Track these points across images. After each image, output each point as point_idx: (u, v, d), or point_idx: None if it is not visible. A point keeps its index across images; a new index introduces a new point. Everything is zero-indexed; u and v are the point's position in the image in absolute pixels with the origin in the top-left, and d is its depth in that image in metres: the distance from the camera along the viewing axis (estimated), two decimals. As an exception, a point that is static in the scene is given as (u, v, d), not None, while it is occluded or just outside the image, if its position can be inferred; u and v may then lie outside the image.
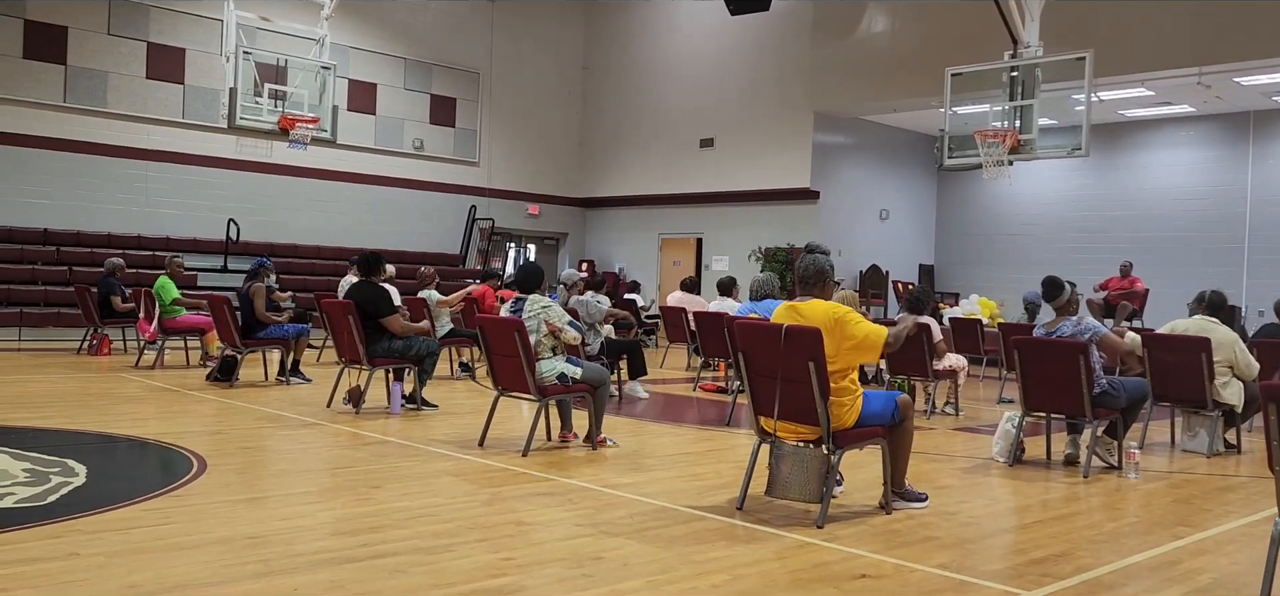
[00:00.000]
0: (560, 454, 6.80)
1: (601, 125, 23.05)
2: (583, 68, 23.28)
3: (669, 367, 13.86)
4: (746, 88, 19.98)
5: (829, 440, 5.02)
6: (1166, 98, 16.88)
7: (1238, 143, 17.57)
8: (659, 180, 21.60)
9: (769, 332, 5.10)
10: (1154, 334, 8.18)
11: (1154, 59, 14.59)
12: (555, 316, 6.87)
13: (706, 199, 20.64)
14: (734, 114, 20.15)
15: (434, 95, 20.88)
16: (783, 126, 19.22)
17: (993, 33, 13.21)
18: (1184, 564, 4.60)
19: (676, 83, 21.35)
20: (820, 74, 18.66)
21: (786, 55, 19.31)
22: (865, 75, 17.95)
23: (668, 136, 21.43)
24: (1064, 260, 17.54)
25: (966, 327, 13.56)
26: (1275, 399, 3.69)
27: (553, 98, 22.81)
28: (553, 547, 4.43)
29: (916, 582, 4.11)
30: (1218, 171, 17.79)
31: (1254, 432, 8.27)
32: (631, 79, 22.34)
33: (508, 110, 21.98)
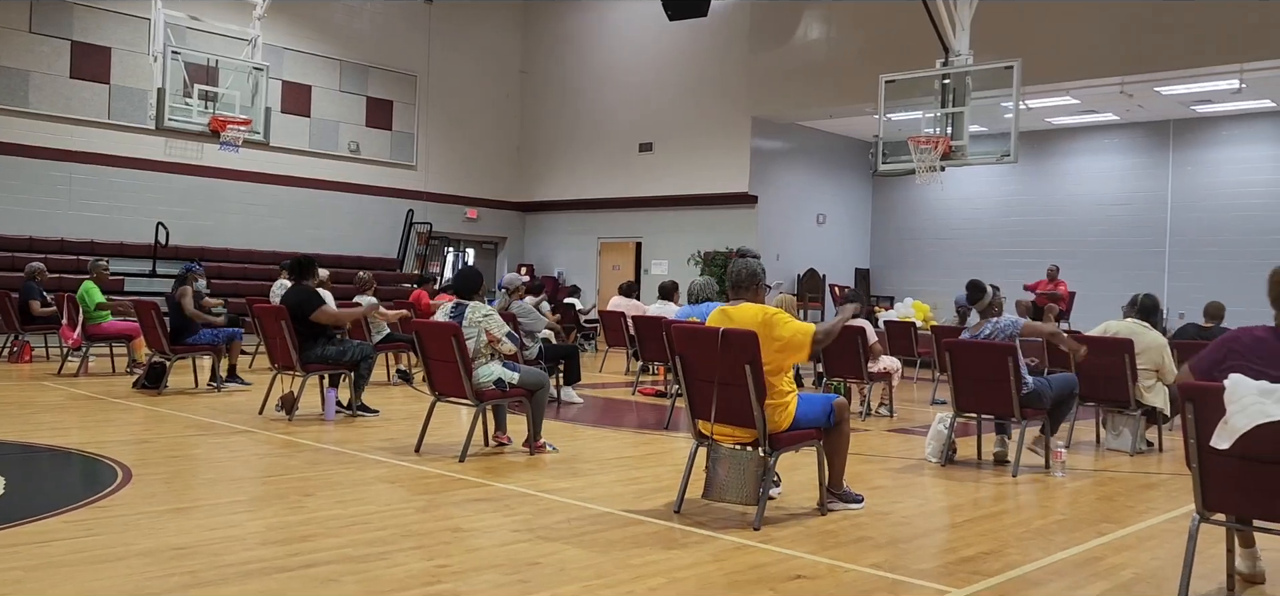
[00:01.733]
0: (497, 459, 6.75)
1: (540, 129, 22.98)
2: (521, 71, 23.19)
3: (608, 372, 13.86)
4: (685, 92, 20.08)
5: (765, 443, 5.07)
6: (1091, 106, 17.37)
7: (1159, 150, 18.14)
8: (598, 184, 21.60)
9: (706, 336, 5.13)
10: (1080, 336, 8.38)
11: (1079, 69, 15.00)
12: (495, 327, 6.83)
13: (645, 203, 20.69)
14: (673, 118, 20.24)
15: (370, 98, 20.63)
16: (721, 131, 19.35)
17: (925, 41, 13.45)
18: (1107, 560, 4.72)
19: (615, 87, 21.37)
20: (758, 80, 18.83)
21: (724, 61, 19.45)
22: (802, 81, 18.16)
23: (607, 140, 21.44)
24: (994, 264, 17.96)
25: (901, 330, 13.79)
26: (1192, 397, 3.81)
27: (491, 101, 22.69)
28: (489, 553, 4.40)
29: (850, 582, 4.16)
30: (1140, 178, 18.35)
31: (1175, 431, 8.53)
32: (571, 83, 22.31)
33: (446, 113, 21.81)
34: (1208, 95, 16.10)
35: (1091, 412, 8.54)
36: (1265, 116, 17.09)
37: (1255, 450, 3.60)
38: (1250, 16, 13.50)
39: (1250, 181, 17.17)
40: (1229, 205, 17.26)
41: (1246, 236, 16.69)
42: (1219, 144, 17.59)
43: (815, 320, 14.67)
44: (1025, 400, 6.81)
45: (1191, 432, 3.80)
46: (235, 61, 16.37)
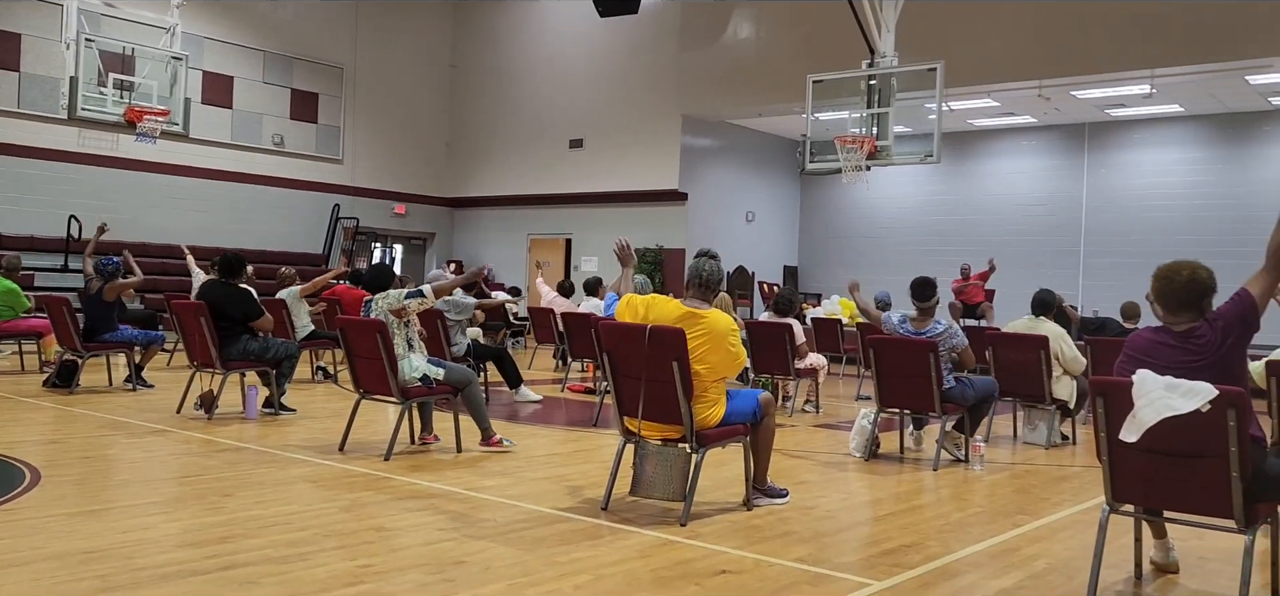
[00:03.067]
0: (423, 457, 6.68)
1: (470, 124, 22.78)
2: (451, 65, 22.96)
3: (537, 368, 13.80)
4: (616, 89, 20.09)
5: (692, 439, 5.10)
6: (1011, 108, 17.82)
7: (1075, 152, 18.69)
8: (528, 180, 21.50)
9: (634, 333, 5.14)
10: (998, 333, 8.61)
11: (999, 71, 15.38)
12: (393, 299, 6.71)
13: (575, 199, 20.65)
14: (603, 115, 20.23)
15: (295, 90, 20.23)
16: (651, 128, 19.40)
17: (852, 42, 13.67)
18: (1022, 550, 4.86)
19: (546, 83, 21.29)
20: (688, 77, 18.92)
21: (655, 58, 19.50)
22: (732, 80, 18.30)
23: (537, 137, 21.35)
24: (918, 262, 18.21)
25: (827, 327, 13.98)
26: (1102, 392, 3.94)
27: (420, 95, 22.42)
28: (413, 553, 4.36)
29: (774, 576, 4.21)
30: (1057, 179, 18.88)
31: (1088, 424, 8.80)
32: (501, 78, 22.16)
33: (373, 107, 21.49)
34: (1121, 99, 16.63)
35: (1009, 407, 8.76)
36: (1175, 121, 17.72)
37: (1161, 443, 3.73)
38: (1160, 24, 13.99)
39: (1161, 183, 17.79)
40: (1141, 206, 17.86)
41: (1157, 237, 17.27)
42: (1131, 147, 18.19)
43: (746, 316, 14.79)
44: (946, 396, 6.96)
45: (1101, 426, 3.92)
46: (153, 50, 15.92)
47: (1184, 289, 3.91)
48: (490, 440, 6.90)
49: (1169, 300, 3.95)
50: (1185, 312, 3.91)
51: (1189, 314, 3.90)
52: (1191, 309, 3.90)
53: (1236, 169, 17.17)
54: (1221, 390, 3.59)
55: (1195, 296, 3.91)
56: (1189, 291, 3.91)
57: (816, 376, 10.07)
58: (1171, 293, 3.95)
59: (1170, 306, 3.95)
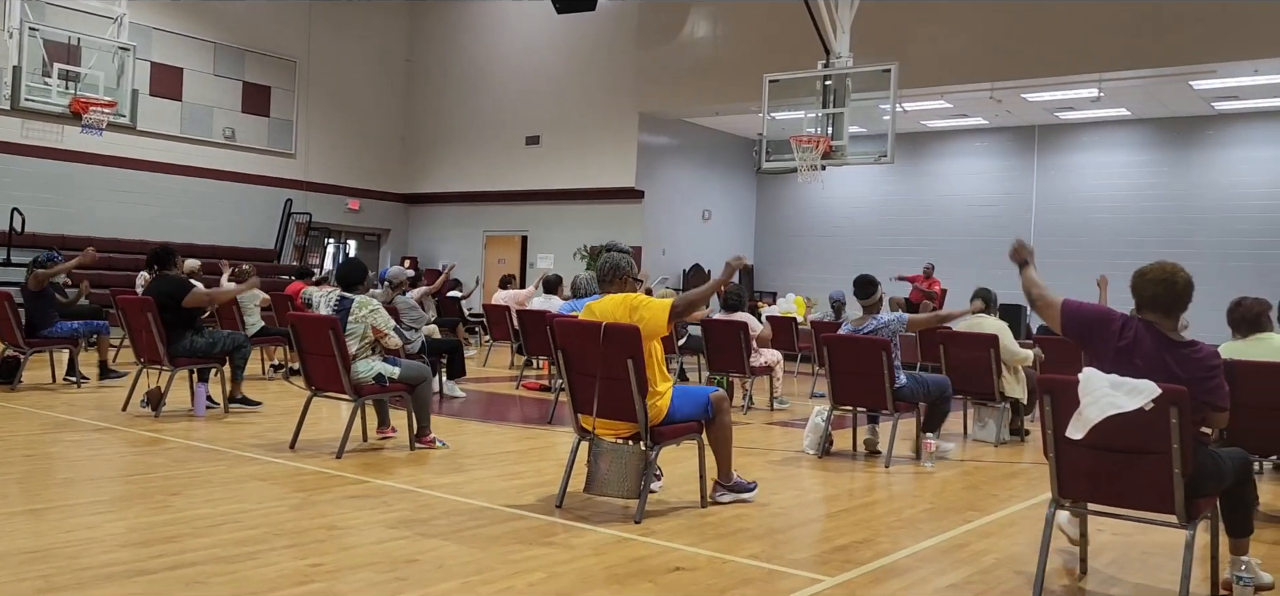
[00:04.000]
0: (376, 455, 6.62)
1: (426, 119, 22.60)
2: (407, 60, 22.76)
3: (492, 366, 13.74)
4: (573, 87, 20.05)
5: (647, 437, 5.11)
6: (963, 110, 18.07)
7: (1024, 154, 19.00)
8: (484, 177, 21.38)
9: (588, 331, 5.14)
10: (948, 331, 8.72)
11: (951, 74, 15.58)
12: (382, 322, 6.69)
13: (532, 196, 20.59)
14: (560, 112, 20.18)
15: (247, 83, 19.94)
16: (608, 126, 19.39)
17: (808, 42, 13.77)
18: (971, 546, 4.93)
19: (503, 79, 21.19)
20: (645, 76, 18.94)
21: (612, 56, 19.49)
22: (689, 78, 18.34)
23: (493, 133, 21.24)
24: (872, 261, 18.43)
25: (782, 325, 14.06)
26: (1049, 390, 4.00)
27: (375, 89, 22.21)
28: (365, 551, 4.32)
29: (728, 572, 4.23)
30: (1007, 180, 19.18)
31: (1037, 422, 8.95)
32: (457, 74, 22.02)
33: (327, 101, 21.24)
34: (1070, 102, 16.94)
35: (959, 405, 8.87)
36: (1121, 124, 18.08)
37: (1106, 440, 3.80)
38: (1108, 29, 14.26)
39: (1108, 185, 18.14)
40: (1088, 207, 18.20)
41: (1104, 237, 17.62)
42: (1080, 149, 18.52)
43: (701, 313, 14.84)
44: (898, 394, 7.04)
45: (1049, 423, 3.99)
46: (99, 41, 15.60)
47: (1183, 293, 3.92)
48: (425, 438, 6.85)
49: (1168, 303, 3.92)
50: (1173, 314, 3.93)
51: (1177, 316, 3.94)
52: (1183, 309, 3.94)
53: (1180, 171, 17.56)
54: (1164, 389, 3.67)
55: (1189, 298, 3.94)
56: (1188, 293, 3.93)
57: (773, 372, 10.13)
58: (1173, 296, 3.91)
59: (1167, 308, 3.92)
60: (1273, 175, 16.71)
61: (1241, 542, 4.15)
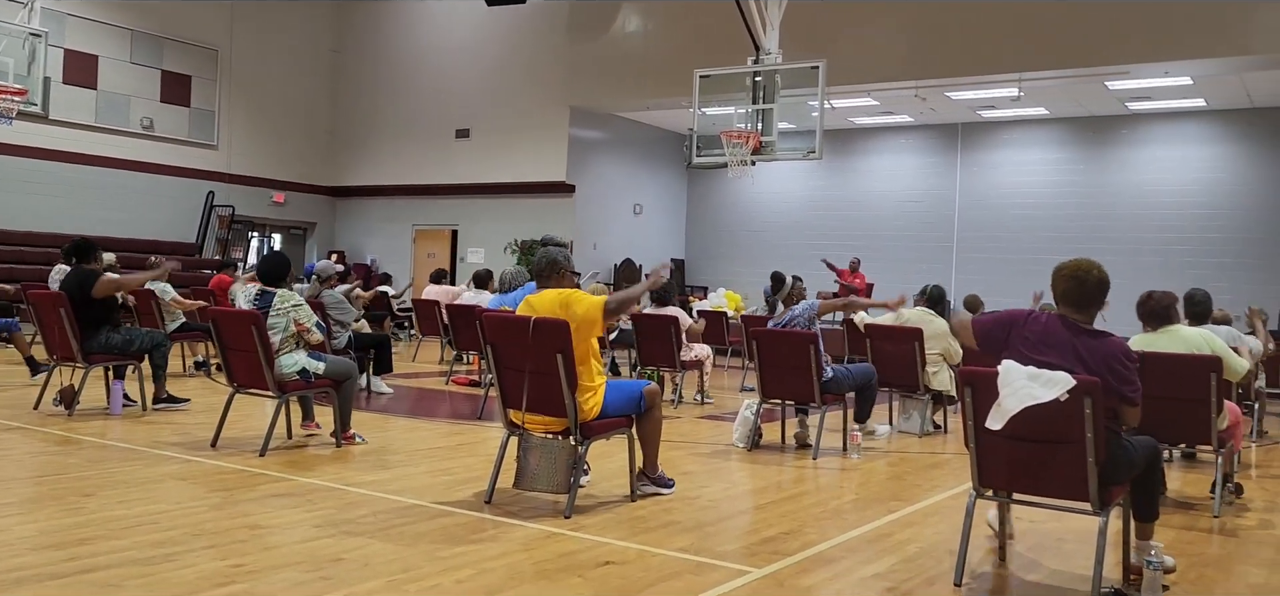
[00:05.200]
0: (300, 453, 6.50)
1: (353, 111, 22.24)
2: (332, 51, 22.35)
3: (422, 361, 13.59)
4: (503, 80, 19.91)
5: (576, 431, 5.10)
6: (889, 108, 18.38)
7: (948, 151, 19.40)
8: (413, 170, 21.12)
9: (517, 325, 5.11)
10: (875, 324, 8.87)
11: (878, 71, 15.84)
12: (304, 317, 6.57)
13: (462, 190, 20.39)
14: (490, 105, 20.02)
15: (166, 72, 19.38)
16: (539, 120, 19.29)
17: (738, 38, 13.85)
18: (896, 535, 5.02)
19: (432, 71, 20.94)
20: (576, 69, 18.88)
21: (543, 49, 19.39)
22: (620, 73, 18.34)
23: (422, 125, 20.99)
24: (802, 256, 18.73)
25: (713, 320, 14.15)
26: (970, 382, 4.10)
27: (300, 80, 21.76)
28: (288, 550, 4.24)
29: (657, 566, 4.24)
30: (932, 177, 19.56)
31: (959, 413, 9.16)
32: (385, 65, 21.70)
33: (250, 91, 20.74)
34: (991, 101, 17.34)
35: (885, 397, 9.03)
36: (1040, 123, 18.56)
37: (1024, 431, 3.91)
38: (1027, 30, 14.63)
39: (1027, 182, 18.61)
40: (1008, 204, 18.65)
41: (1023, 234, 18.08)
42: (1001, 147, 18.97)
43: (631, 309, 14.87)
44: (825, 386, 7.14)
45: (969, 415, 4.09)
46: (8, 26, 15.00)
47: (1096, 288, 4.06)
48: (345, 434, 6.75)
49: (1080, 298, 4.07)
50: (1090, 310, 4.07)
51: (1091, 311, 4.07)
52: (1095, 307, 4.07)
53: (1096, 169, 18.09)
54: (1079, 380, 3.78)
55: (1103, 295, 4.07)
56: (1099, 290, 4.07)
57: (703, 367, 10.19)
58: (1084, 291, 4.06)
59: (1079, 303, 4.07)
60: (1180, 174, 17.32)
61: (1148, 527, 4.30)
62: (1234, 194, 16.85)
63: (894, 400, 8.91)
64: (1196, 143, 17.32)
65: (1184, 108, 17.08)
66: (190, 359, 11.37)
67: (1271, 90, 15.64)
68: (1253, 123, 16.80)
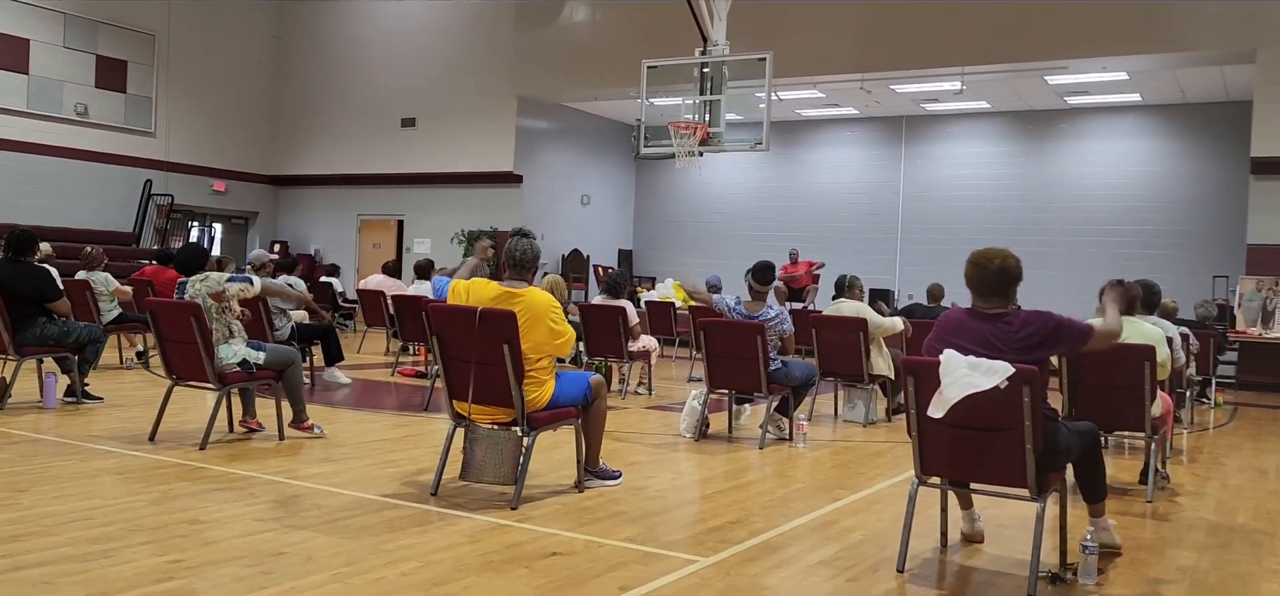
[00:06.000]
0: (242, 445, 6.40)
1: (296, 99, 21.89)
2: (274, 37, 21.96)
3: (367, 352, 13.44)
4: (449, 68, 19.73)
5: (523, 422, 5.08)
6: (835, 100, 18.56)
7: (893, 143, 19.65)
8: (358, 159, 20.85)
9: (464, 316, 5.08)
10: (820, 315, 8.96)
11: (824, 64, 15.99)
12: (212, 283, 6.40)
13: (408, 180, 20.19)
14: (436, 95, 19.84)
15: (100, 57, 18.89)
16: (486, 109, 19.17)
17: (686, 29, 13.88)
18: (840, 523, 5.08)
19: (377, 59, 20.69)
20: (523, 59, 18.78)
21: (490, 38, 19.26)
22: (568, 63, 18.28)
23: (367, 114, 20.73)
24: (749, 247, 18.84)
25: (661, 311, 14.20)
26: (912, 372, 4.16)
27: (241, 66, 21.35)
28: (229, 545, 4.17)
29: (604, 556, 4.25)
30: (877, 169, 19.80)
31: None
32: (328, 53, 21.38)
33: (188, 78, 20.30)
34: (934, 95, 17.59)
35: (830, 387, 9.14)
36: (982, 116, 18.87)
37: (964, 419, 3.98)
38: (970, 25, 14.87)
39: (969, 174, 18.92)
40: (951, 196, 18.95)
41: (965, 225, 18.38)
42: (944, 140, 19.26)
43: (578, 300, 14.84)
44: (772, 377, 7.20)
45: (911, 403, 4.15)
46: (-66, 7, 14.54)
47: (995, 276, 4.16)
48: (302, 423, 6.67)
49: (981, 286, 4.18)
50: (994, 297, 4.17)
51: (998, 299, 4.16)
52: (1000, 294, 4.16)
53: (1036, 162, 18.45)
54: (1017, 368, 3.86)
55: (1005, 283, 4.16)
56: (1000, 279, 4.16)
57: (649, 358, 10.21)
58: (984, 279, 4.17)
59: (981, 291, 4.19)
60: (1116, 167, 17.73)
61: (1098, 507, 4.43)
62: (1167, 187, 17.29)
63: (839, 389, 9.01)
64: (1132, 137, 17.74)
65: (1120, 102, 17.48)
66: (129, 350, 11.11)
67: (1203, 86, 16.08)
68: (1185, 118, 17.25)
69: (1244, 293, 13.69)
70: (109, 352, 9.23)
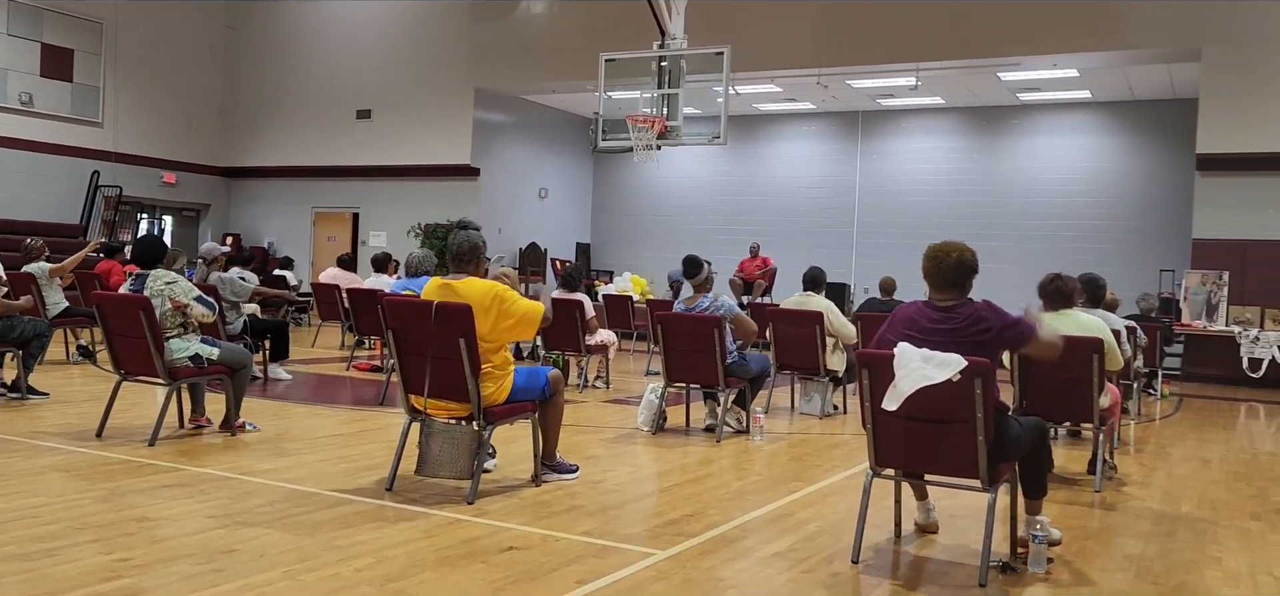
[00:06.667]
0: (192, 441, 6.30)
1: (248, 90, 21.55)
2: (227, 26, 21.60)
3: (321, 346, 13.29)
4: (406, 60, 19.54)
5: (480, 416, 5.06)
6: (793, 95, 18.65)
7: (849, 138, 19.80)
8: (312, 151, 20.59)
9: (420, 309, 5.04)
10: (778, 309, 9.01)
11: (782, 59, 16.06)
12: (180, 292, 6.33)
13: (363, 172, 19.97)
14: (393, 86, 19.64)
15: (45, 44, 18.45)
16: (443, 101, 19.01)
17: (644, 22, 13.86)
18: (796, 515, 5.12)
19: (332, 50, 20.43)
20: (481, 51, 18.66)
21: (447, 29, 19.10)
22: (525, 55, 18.18)
23: (322, 106, 20.47)
24: (707, 240, 18.91)
25: (618, 304, 14.20)
26: (867, 365, 4.20)
27: (192, 56, 20.97)
28: (179, 543, 4.10)
29: (561, 550, 4.24)
30: (834, 163, 19.94)
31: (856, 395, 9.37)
32: (282, 43, 21.08)
33: (137, 67, 19.90)
34: (890, 90, 17.75)
35: (787, 380, 9.20)
36: (937, 112, 19.08)
37: (918, 411, 4.02)
38: (925, 22, 15.02)
39: (925, 169, 19.12)
40: (906, 190, 19.14)
41: (919, 220, 18.57)
42: (900, 135, 19.45)
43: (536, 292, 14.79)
44: (729, 370, 7.23)
45: (866, 396, 4.19)
46: None
47: (952, 269, 4.21)
48: (237, 424, 6.57)
49: (937, 278, 4.24)
50: (951, 290, 4.22)
51: (954, 292, 4.22)
52: (957, 287, 4.22)
53: (989, 158, 18.69)
54: (969, 361, 3.91)
55: (961, 276, 4.22)
56: (957, 271, 4.21)
57: (607, 352, 10.21)
58: (940, 272, 4.23)
59: (938, 284, 4.25)
60: (1066, 163, 18.01)
61: (1036, 504, 4.48)
62: (1115, 183, 17.60)
63: (796, 382, 9.07)
64: (1082, 133, 18.04)
65: (1070, 99, 17.76)
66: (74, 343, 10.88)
67: (1151, 83, 16.38)
68: (1133, 115, 17.57)
69: (1189, 286, 13.99)
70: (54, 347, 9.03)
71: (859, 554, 4.26)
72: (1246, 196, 13.84)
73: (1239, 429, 9.63)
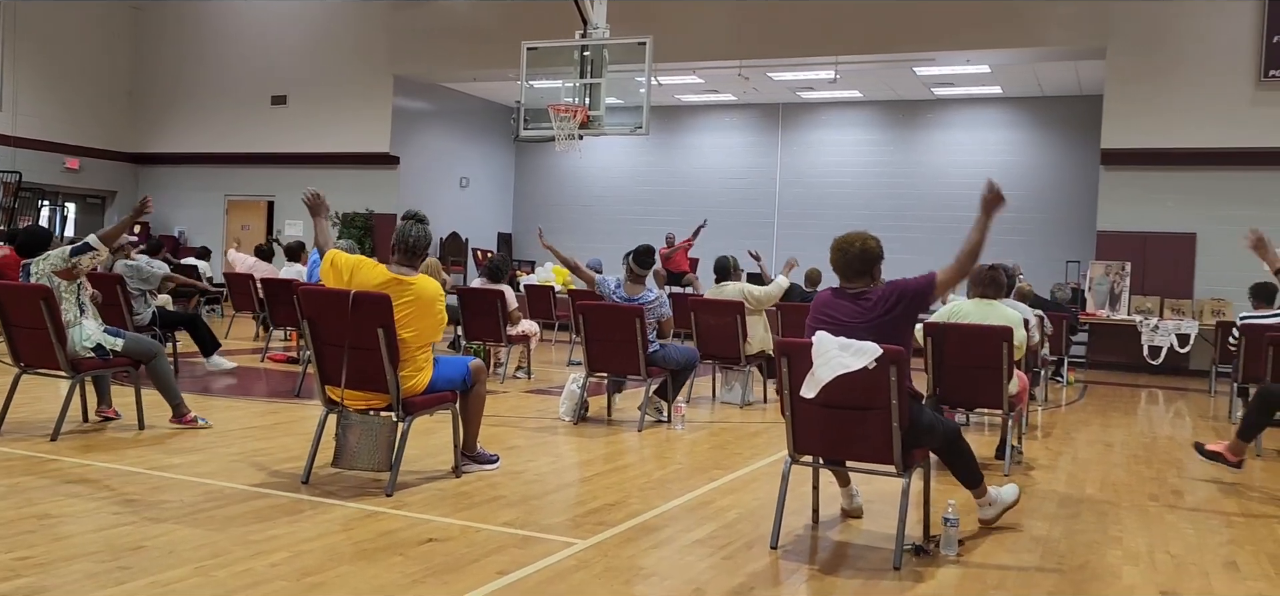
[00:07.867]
0: (98, 436, 6.09)
1: (157, 73, 20.87)
2: (133, 7, 20.87)
3: (235, 337, 12.96)
4: (323, 45, 19.15)
5: (398, 408, 4.99)
6: (714, 86, 18.79)
7: (770, 130, 20.03)
8: (225, 137, 20.05)
9: (337, 299, 4.95)
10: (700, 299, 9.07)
11: (703, 50, 16.17)
12: (56, 260, 6.05)
13: (278, 160, 19.52)
14: (309, 72, 19.23)
15: (-63, 22, 17.61)
16: (361, 88, 18.69)
17: (566, 11, 13.79)
18: (717, 502, 5.17)
19: (245, 32, 19.91)
20: (399, 38, 18.38)
21: (365, 15, 18.77)
22: (445, 43, 17.97)
23: (235, 90, 19.94)
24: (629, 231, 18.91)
25: (541, 294, 14.13)
26: (785, 353, 4.26)
27: (96, 37, 20.24)
28: (83, 541, 3.96)
29: (482, 541, 4.22)
30: (755, 154, 20.16)
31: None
32: (192, 24, 20.46)
33: (39, 47, 19.12)
34: (810, 83, 18.00)
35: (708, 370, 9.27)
36: (855, 105, 19.41)
37: (835, 398, 4.10)
38: (843, 16, 15.27)
39: (843, 161, 19.45)
40: (825, 182, 19.45)
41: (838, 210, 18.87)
42: (819, 127, 19.74)
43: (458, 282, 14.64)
44: (651, 360, 7.26)
45: (784, 384, 4.25)
46: None
47: (857, 258, 4.35)
48: (183, 417, 6.40)
49: (845, 268, 4.39)
50: (858, 278, 4.35)
51: (861, 279, 4.34)
52: (863, 275, 4.35)
53: (905, 150, 19.09)
54: (884, 349, 4.00)
55: (866, 264, 4.35)
56: (861, 260, 4.34)
57: (529, 342, 10.16)
58: (846, 261, 4.38)
59: (846, 274, 4.39)
60: (979, 156, 18.47)
61: (980, 488, 4.63)
62: (1025, 175, 18.12)
63: (717, 372, 9.15)
64: (993, 127, 18.54)
65: (982, 94, 18.23)
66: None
67: (1060, 80, 16.91)
68: (1042, 110, 18.12)
69: (1094, 276, 14.49)
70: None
71: (778, 539, 4.33)
72: (1148, 190, 14.39)
73: (1140, 414, 10.02)
